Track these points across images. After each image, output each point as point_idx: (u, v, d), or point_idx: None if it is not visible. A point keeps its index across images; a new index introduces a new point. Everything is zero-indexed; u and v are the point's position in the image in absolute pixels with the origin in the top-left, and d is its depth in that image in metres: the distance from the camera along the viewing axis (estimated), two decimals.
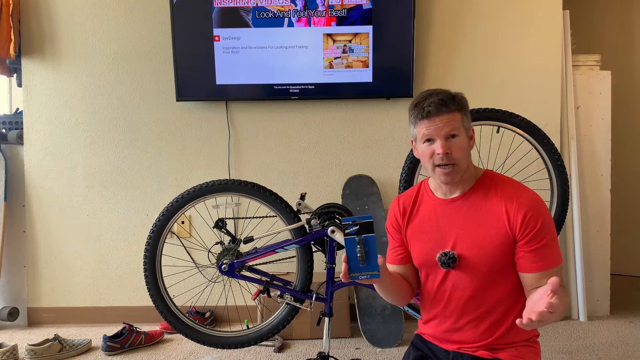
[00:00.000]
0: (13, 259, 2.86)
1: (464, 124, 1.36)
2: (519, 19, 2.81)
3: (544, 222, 1.30)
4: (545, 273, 1.29)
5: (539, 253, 1.30)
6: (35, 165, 2.85)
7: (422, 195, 1.48)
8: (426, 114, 1.34)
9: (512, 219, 1.31)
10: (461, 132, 1.35)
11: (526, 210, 1.30)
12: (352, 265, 1.23)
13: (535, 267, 1.30)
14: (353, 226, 1.23)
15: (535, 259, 1.30)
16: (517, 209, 1.31)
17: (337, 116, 2.86)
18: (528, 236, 1.30)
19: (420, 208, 1.47)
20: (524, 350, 1.37)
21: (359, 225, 1.23)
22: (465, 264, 1.36)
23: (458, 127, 1.34)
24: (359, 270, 1.22)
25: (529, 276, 1.31)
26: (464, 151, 1.35)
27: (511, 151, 2.42)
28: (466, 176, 1.39)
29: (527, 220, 1.30)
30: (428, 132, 1.34)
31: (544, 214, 1.32)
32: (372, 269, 1.22)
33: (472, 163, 1.43)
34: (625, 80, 3.62)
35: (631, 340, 2.48)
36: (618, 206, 3.05)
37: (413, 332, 1.57)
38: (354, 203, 2.74)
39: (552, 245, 1.31)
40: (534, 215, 1.30)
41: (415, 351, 1.48)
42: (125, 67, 2.84)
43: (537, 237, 1.30)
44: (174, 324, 2.15)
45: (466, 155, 1.36)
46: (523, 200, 1.32)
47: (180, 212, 2.13)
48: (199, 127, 2.86)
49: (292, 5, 2.68)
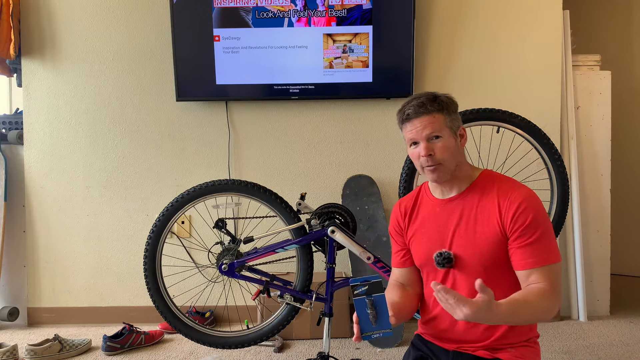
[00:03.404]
0: (13, 259, 2.86)
1: (446, 124, 1.35)
2: (519, 18, 2.81)
3: (535, 217, 1.28)
4: (535, 270, 1.27)
5: (530, 249, 1.28)
6: (35, 165, 2.85)
7: (422, 196, 1.50)
8: (406, 117, 1.37)
9: (504, 214, 1.31)
10: (444, 133, 1.35)
11: (517, 205, 1.29)
12: (364, 326, 1.21)
13: (525, 263, 1.28)
14: (362, 287, 1.21)
15: (524, 256, 1.28)
16: (509, 204, 1.31)
17: (337, 116, 2.86)
18: (518, 231, 1.29)
19: (421, 209, 1.48)
20: (524, 350, 1.37)
21: (368, 285, 1.21)
22: (462, 264, 1.36)
23: (439, 129, 1.34)
24: (371, 330, 1.20)
25: (520, 273, 1.30)
26: (448, 151, 1.35)
27: (511, 151, 2.42)
28: (461, 174, 1.40)
29: (518, 215, 1.29)
30: (411, 136, 1.37)
31: (535, 210, 1.29)
32: (384, 327, 1.20)
33: (467, 162, 1.43)
34: (625, 80, 3.62)
35: (631, 340, 2.48)
36: (618, 206, 3.05)
37: (413, 332, 1.57)
38: (354, 203, 2.74)
39: (543, 242, 1.28)
40: (525, 210, 1.29)
41: (416, 351, 1.48)
42: (125, 67, 2.84)
43: (528, 233, 1.28)
44: (174, 324, 2.15)
45: (452, 155, 1.36)
46: (515, 196, 1.31)
47: (180, 212, 2.13)
48: (199, 127, 2.86)
49: (292, 5, 2.68)
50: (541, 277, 1.26)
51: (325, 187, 2.87)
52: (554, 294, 1.26)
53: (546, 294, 1.24)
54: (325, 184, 2.88)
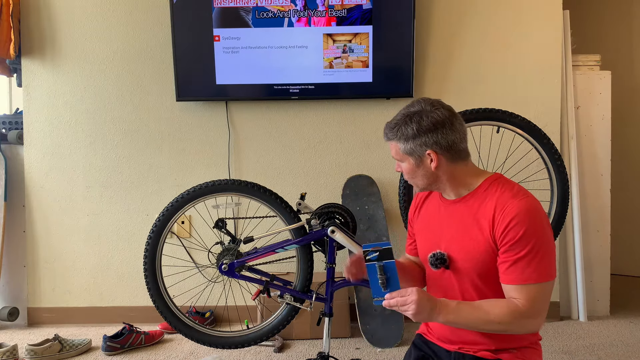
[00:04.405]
0: (13, 259, 2.86)
1: (405, 151, 1.37)
2: (519, 18, 2.81)
3: (527, 233, 1.23)
4: (514, 287, 1.25)
5: (514, 266, 1.24)
6: (35, 165, 2.85)
7: (434, 193, 1.52)
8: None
9: (496, 225, 1.27)
10: (403, 159, 1.39)
11: (510, 218, 1.24)
12: (375, 290, 1.27)
13: (506, 278, 1.26)
14: (373, 252, 1.27)
15: (508, 271, 1.25)
16: (502, 216, 1.26)
17: (337, 116, 2.86)
18: (506, 245, 1.25)
19: (430, 204, 1.51)
20: (526, 352, 1.36)
21: (379, 251, 1.27)
22: (455, 267, 1.36)
23: (398, 155, 1.40)
24: (381, 295, 1.26)
25: (503, 286, 1.29)
26: (410, 174, 1.40)
27: (511, 151, 2.42)
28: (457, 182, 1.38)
29: (509, 229, 1.24)
30: None
31: (529, 225, 1.23)
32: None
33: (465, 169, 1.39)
34: (625, 80, 3.62)
35: (631, 340, 2.48)
36: (618, 206, 3.05)
37: (413, 332, 1.57)
38: (354, 203, 2.74)
39: (531, 259, 1.23)
40: (517, 225, 1.23)
41: (417, 351, 1.48)
42: (125, 67, 2.84)
43: (516, 248, 1.24)
44: (174, 324, 2.15)
45: (417, 178, 1.40)
46: (512, 207, 1.26)
47: (180, 212, 2.13)
48: (199, 127, 2.86)
49: (292, 5, 2.68)
50: (519, 295, 1.24)
51: (325, 187, 2.87)
52: (529, 312, 1.23)
53: (516, 309, 1.23)
54: (325, 184, 2.88)
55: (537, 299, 1.24)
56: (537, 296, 1.24)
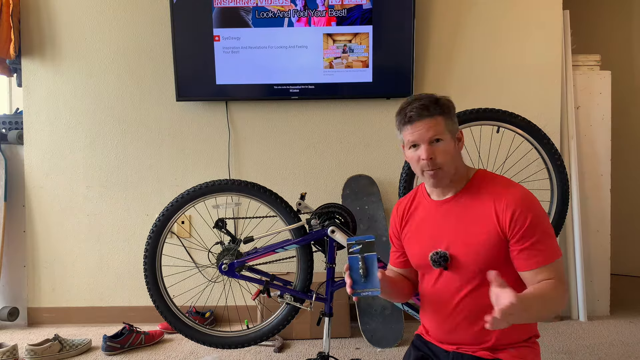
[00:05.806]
0: (13, 259, 2.86)
1: (447, 128, 1.36)
2: (519, 19, 2.81)
3: (534, 218, 1.29)
4: (542, 269, 1.29)
5: (533, 250, 1.29)
6: (35, 165, 2.85)
7: (418, 198, 1.51)
8: (408, 119, 1.35)
9: (501, 217, 1.31)
10: (445, 136, 1.35)
11: (514, 208, 1.30)
12: (355, 279, 1.31)
13: (531, 264, 1.30)
14: (356, 245, 1.32)
15: (529, 256, 1.29)
16: (505, 207, 1.31)
17: (337, 116, 2.86)
18: (518, 234, 1.29)
19: (417, 211, 1.49)
20: (524, 350, 1.37)
21: (362, 244, 1.32)
22: (457, 264, 1.37)
23: (441, 132, 1.34)
24: (361, 287, 1.31)
25: (526, 274, 1.31)
26: (449, 155, 1.35)
27: (511, 151, 2.42)
28: (457, 177, 1.40)
29: (516, 218, 1.29)
30: (412, 138, 1.36)
31: (533, 210, 1.30)
32: (372, 285, 1.30)
33: (464, 164, 1.43)
34: (625, 80, 3.62)
35: (631, 340, 2.48)
36: (618, 206, 3.05)
37: (413, 332, 1.57)
38: (354, 203, 2.74)
39: (545, 240, 1.30)
40: (522, 212, 1.29)
41: (416, 351, 1.48)
42: (125, 67, 2.84)
43: (528, 234, 1.29)
44: (174, 324, 2.15)
45: (452, 159, 1.36)
46: (511, 199, 1.31)
47: (180, 212, 2.14)
48: (199, 127, 2.86)
49: (292, 5, 2.68)
50: (549, 274, 1.28)
51: (325, 187, 2.87)
52: (563, 287, 1.29)
53: (558, 286, 1.27)
54: (325, 184, 2.88)
55: (562, 272, 1.33)
56: (561, 269, 1.33)
